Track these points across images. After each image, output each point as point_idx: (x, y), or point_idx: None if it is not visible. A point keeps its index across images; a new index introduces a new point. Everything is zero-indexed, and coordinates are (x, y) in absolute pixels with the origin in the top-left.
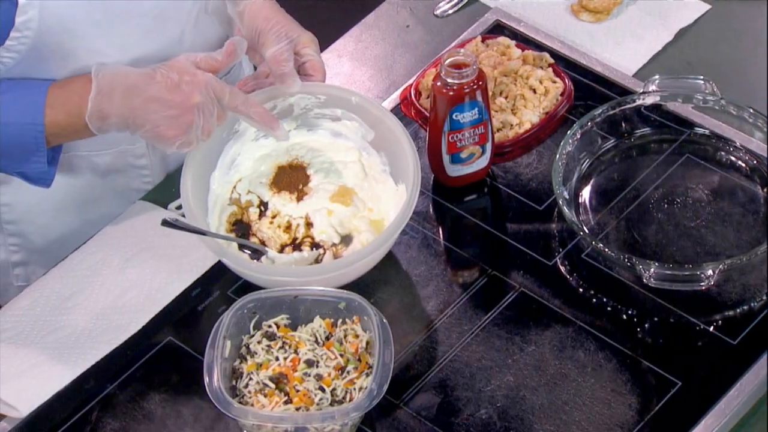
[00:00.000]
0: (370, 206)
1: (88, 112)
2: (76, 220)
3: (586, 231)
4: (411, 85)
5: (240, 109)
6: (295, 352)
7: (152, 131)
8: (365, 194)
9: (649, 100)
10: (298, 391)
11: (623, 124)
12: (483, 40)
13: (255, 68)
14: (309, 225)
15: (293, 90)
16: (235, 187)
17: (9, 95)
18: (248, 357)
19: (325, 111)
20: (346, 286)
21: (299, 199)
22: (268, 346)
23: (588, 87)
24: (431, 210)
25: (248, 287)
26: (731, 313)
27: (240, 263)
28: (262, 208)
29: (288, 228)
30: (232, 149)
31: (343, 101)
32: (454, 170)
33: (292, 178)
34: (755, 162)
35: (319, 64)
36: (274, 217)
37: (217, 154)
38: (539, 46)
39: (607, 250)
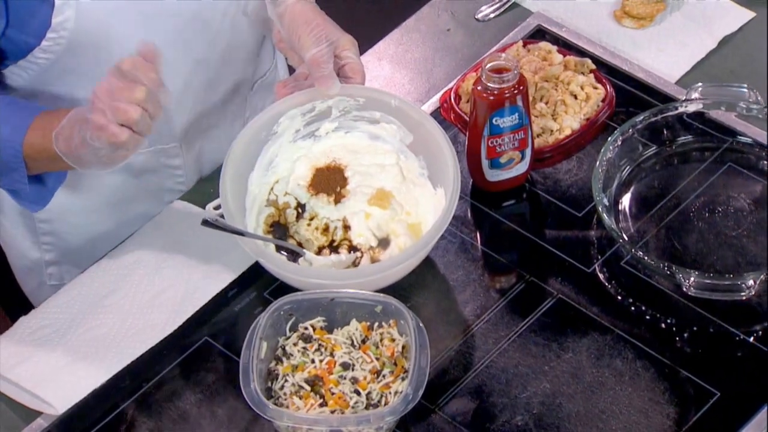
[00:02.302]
0: (407, 210)
1: (53, 137)
2: (109, 220)
3: (626, 238)
4: (451, 89)
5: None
6: (331, 354)
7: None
8: (403, 198)
9: (692, 108)
10: (333, 393)
11: (665, 132)
12: (524, 45)
13: (290, 70)
14: (346, 228)
15: (332, 92)
16: (272, 188)
17: (1, 112)
18: (284, 359)
19: (364, 113)
20: (383, 290)
21: (337, 201)
22: (304, 348)
23: (630, 94)
24: (469, 215)
25: (285, 289)
26: None
27: (278, 264)
28: (300, 210)
29: (326, 230)
30: (270, 150)
31: (382, 104)
32: (493, 175)
33: (329, 180)
34: None
35: (359, 67)
36: (311, 219)
37: (255, 154)
38: (581, 52)
39: (646, 258)
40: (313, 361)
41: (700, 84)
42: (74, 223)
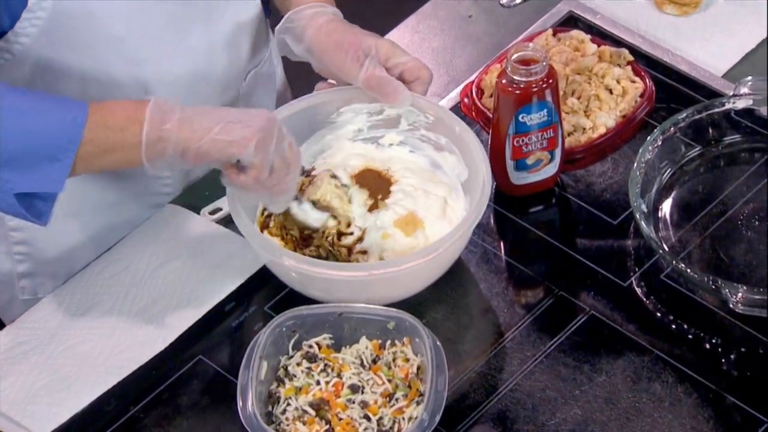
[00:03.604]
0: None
1: (146, 114)
2: (88, 228)
3: (666, 249)
4: (472, 82)
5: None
6: (338, 375)
7: (217, 133)
8: (432, 232)
9: (741, 104)
10: (340, 419)
11: (710, 131)
12: (554, 34)
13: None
14: (360, 239)
15: (406, 105)
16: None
17: (46, 101)
18: (286, 380)
19: (431, 135)
20: (396, 304)
21: (371, 209)
22: (309, 368)
23: (671, 88)
24: (492, 221)
25: (288, 303)
26: None
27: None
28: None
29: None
30: (325, 139)
31: (448, 129)
32: (519, 178)
33: (375, 183)
34: None
35: (416, 63)
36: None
37: (301, 132)
38: (617, 42)
39: (689, 270)
40: (318, 383)
41: (750, 77)
42: (49, 231)
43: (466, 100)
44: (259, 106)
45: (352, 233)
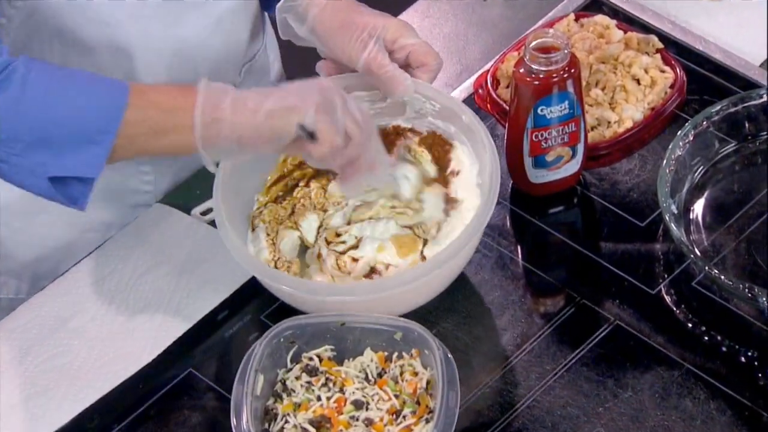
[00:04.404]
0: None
1: (199, 94)
2: (64, 229)
3: (698, 253)
4: (487, 71)
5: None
6: (341, 390)
7: (273, 104)
8: (432, 248)
9: None
10: None
11: (746, 125)
12: (577, 19)
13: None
14: (354, 247)
15: (407, 93)
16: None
17: (83, 78)
18: (284, 395)
19: (439, 123)
20: (404, 313)
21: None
22: (309, 382)
23: (704, 78)
24: (508, 223)
25: (286, 311)
26: None
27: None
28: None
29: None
30: None
31: (455, 116)
32: (538, 176)
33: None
34: None
35: (425, 48)
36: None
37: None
38: (645, 27)
39: (723, 277)
40: (319, 399)
41: None
42: (14, 227)
43: (480, 91)
44: None
45: (344, 242)
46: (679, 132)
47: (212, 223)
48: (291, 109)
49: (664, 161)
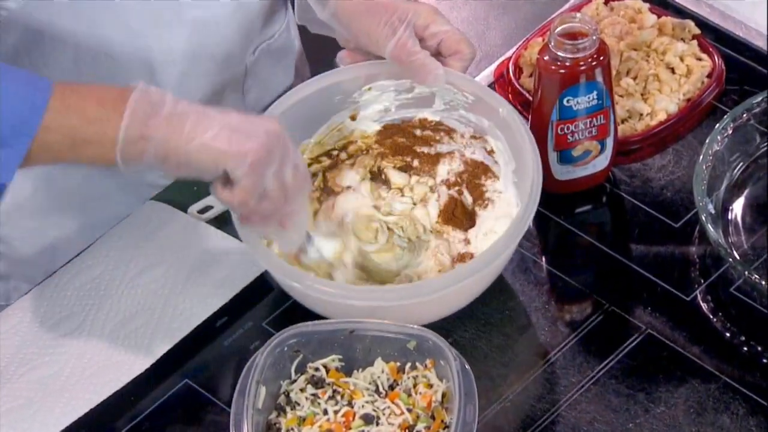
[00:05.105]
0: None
1: (129, 104)
2: (73, 224)
3: (737, 257)
4: (509, 58)
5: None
6: (349, 404)
7: (211, 139)
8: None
9: None
10: None
11: None
12: (606, 2)
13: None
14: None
15: (438, 83)
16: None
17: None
18: (288, 408)
19: (471, 117)
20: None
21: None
22: (314, 395)
23: (744, 67)
24: (532, 224)
25: (290, 317)
26: None
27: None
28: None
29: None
30: (345, 123)
31: (489, 110)
32: (564, 172)
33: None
34: None
35: (458, 36)
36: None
37: (315, 119)
38: (680, 11)
39: (764, 282)
40: (325, 413)
41: None
42: (27, 228)
43: (501, 80)
44: (271, 83)
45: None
46: (716, 125)
47: (211, 222)
48: (225, 153)
49: (701, 157)
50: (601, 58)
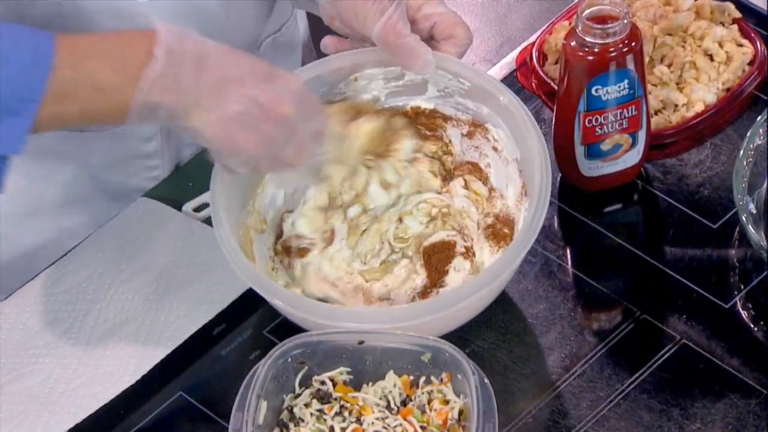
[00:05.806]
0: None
1: (146, 70)
2: (50, 230)
3: None
4: (533, 44)
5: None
6: (358, 420)
7: (218, 126)
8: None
9: None
10: None
11: None
12: None
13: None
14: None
15: (427, 70)
16: None
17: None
18: (291, 425)
19: (468, 103)
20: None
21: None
22: (320, 410)
23: None
24: (556, 223)
25: (293, 326)
26: None
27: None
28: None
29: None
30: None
31: (490, 98)
32: (592, 168)
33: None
34: None
35: (454, 19)
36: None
37: None
38: None
39: None
40: (332, 430)
41: None
42: (5, 233)
43: (524, 67)
44: None
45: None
46: (758, 117)
47: (208, 221)
48: (232, 139)
49: (741, 152)
50: (633, 43)
